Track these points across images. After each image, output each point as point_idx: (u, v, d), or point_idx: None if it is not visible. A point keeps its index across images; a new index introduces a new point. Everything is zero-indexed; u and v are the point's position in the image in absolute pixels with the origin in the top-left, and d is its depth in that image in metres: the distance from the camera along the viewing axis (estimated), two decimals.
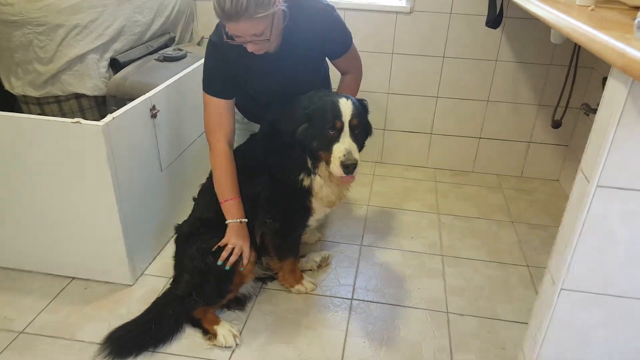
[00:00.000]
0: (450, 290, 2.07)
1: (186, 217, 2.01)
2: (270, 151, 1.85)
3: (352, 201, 2.70)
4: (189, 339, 1.79)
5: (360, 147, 1.71)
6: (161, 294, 1.93)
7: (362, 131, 1.73)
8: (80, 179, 1.81)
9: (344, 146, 1.63)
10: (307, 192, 1.83)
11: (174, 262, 1.95)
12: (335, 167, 1.65)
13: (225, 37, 1.64)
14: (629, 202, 1.06)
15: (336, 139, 1.65)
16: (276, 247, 1.95)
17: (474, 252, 2.32)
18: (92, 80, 2.27)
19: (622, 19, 1.21)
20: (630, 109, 0.97)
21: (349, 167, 1.62)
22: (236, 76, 1.82)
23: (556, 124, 2.60)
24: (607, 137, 1.01)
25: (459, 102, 2.91)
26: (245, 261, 1.80)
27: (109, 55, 2.33)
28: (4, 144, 1.80)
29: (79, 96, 2.29)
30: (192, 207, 2.03)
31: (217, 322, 1.80)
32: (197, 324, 1.81)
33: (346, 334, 1.83)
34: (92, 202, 1.85)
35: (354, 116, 1.65)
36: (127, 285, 2.02)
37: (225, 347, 1.74)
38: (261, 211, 1.89)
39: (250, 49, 1.65)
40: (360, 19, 2.76)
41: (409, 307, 1.97)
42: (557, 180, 3.00)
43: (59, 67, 2.19)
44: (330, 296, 2.02)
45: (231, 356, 1.72)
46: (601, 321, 1.21)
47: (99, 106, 2.37)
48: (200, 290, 1.78)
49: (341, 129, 1.65)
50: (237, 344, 1.75)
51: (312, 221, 1.97)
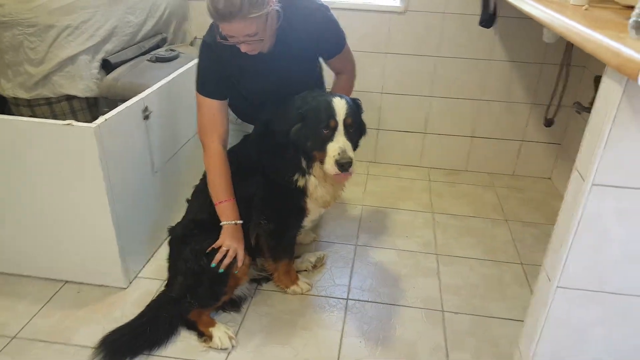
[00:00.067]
0: (445, 288, 2.07)
1: (180, 219, 1.99)
2: (264, 152, 1.84)
3: (346, 201, 2.70)
4: (184, 341, 1.78)
5: (354, 146, 1.71)
6: (155, 296, 1.92)
7: (356, 130, 1.73)
8: (72, 181, 1.79)
9: (338, 145, 1.63)
10: (302, 192, 1.82)
11: (168, 264, 1.94)
12: (329, 166, 1.64)
13: (218, 37, 1.63)
14: (624, 200, 1.07)
15: (330, 138, 1.64)
16: (271, 248, 1.94)
17: (469, 250, 2.33)
18: (83, 81, 2.25)
19: (615, 19, 1.22)
20: (625, 108, 0.97)
21: (344, 165, 1.61)
22: (230, 77, 1.82)
23: (548, 123, 2.62)
24: (602, 135, 1.02)
25: (453, 101, 2.92)
26: (239, 263, 1.79)
27: (100, 56, 2.32)
28: None
29: (70, 98, 2.27)
30: (185, 208, 2.02)
31: (212, 324, 1.79)
32: (192, 327, 1.80)
33: (342, 334, 1.83)
34: (84, 204, 1.83)
35: (348, 115, 1.65)
36: (120, 288, 2.00)
37: (221, 349, 1.73)
38: (255, 212, 1.88)
39: (243, 49, 1.64)
40: (354, 19, 2.76)
41: (404, 306, 1.97)
42: (550, 178, 3.01)
43: (50, 69, 2.17)
44: (325, 296, 2.02)
45: (227, 358, 1.72)
46: (597, 318, 1.22)
47: (90, 108, 2.35)
48: (194, 292, 1.77)
49: (335, 128, 1.64)
50: (233, 346, 1.75)
51: (307, 222, 1.97)
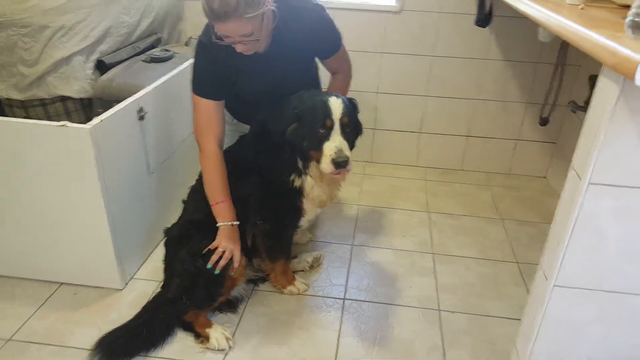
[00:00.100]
0: (441, 288, 2.08)
1: (176, 220, 1.99)
2: (260, 152, 1.83)
3: (342, 201, 2.70)
4: (181, 342, 1.77)
5: (351, 146, 1.71)
6: (152, 297, 1.91)
7: (352, 130, 1.72)
8: (67, 182, 1.78)
9: (334, 144, 1.63)
10: (298, 192, 1.82)
11: (164, 266, 1.93)
12: (325, 165, 1.63)
13: (214, 37, 1.62)
14: (621, 199, 1.07)
15: (327, 137, 1.64)
16: (267, 249, 1.94)
17: (465, 249, 2.33)
18: (78, 82, 2.24)
19: (611, 18, 1.22)
20: (621, 107, 0.98)
21: (340, 164, 1.61)
22: (226, 77, 1.81)
23: (544, 122, 2.63)
24: (598, 134, 1.02)
25: (448, 100, 2.92)
26: (235, 265, 1.79)
27: (95, 56, 2.30)
28: None
29: (64, 99, 2.25)
30: (181, 209, 2.01)
31: (209, 325, 1.79)
32: (188, 328, 1.80)
33: (339, 334, 1.83)
34: (79, 205, 1.82)
35: (344, 114, 1.65)
36: (116, 289, 1.99)
37: (218, 350, 1.73)
38: (252, 212, 1.87)
39: (239, 49, 1.64)
40: (349, 19, 2.76)
41: (401, 305, 1.98)
42: (545, 177, 3.02)
43: (44, 70, 2.16)
44: (322, 296, 2.02)
45: (224, 359, 1.71)
46: (594, 317, 1.22)
47: (84, 109, 2.33)
48: (191, 293, 1.77)
49: (331, 128, 1.64)
50: (230, 347, 1.74)
51: (304, 222, 1.96)
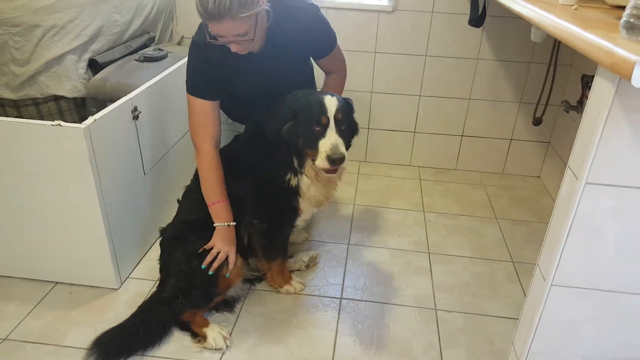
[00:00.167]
0: (437, 287, 2.09)
1: (171, 219, 1.98)
2: (255, 151, 1.83)
3: (338, 200, 2.70)
4: (178, 342, 1.77)
5: (347, 145, 1.71)
6: (148, 297, 1.91)
7: (348, 128, 1.73)
8: (62, 182, 1.77)
9: (330, 141, 1.63)
10: (295, 192, 1.82)
11: (159, 265, 1.92)
12: (321, 161, 1.64)
13: (208, 37, 1.62)
14: (618, 199, 1.08)
15: (322, 134, 1.64)
16: (264, 248, 1.94)
17: (460, 249, 2.35)
18: (70, 81, 2.23)
19: (605, 18, 1.23)
20: (617, 107, 0.99)
21: (336, 160, 1.61)
22: (220, 77, 1.80)
23: (537, 121, 2.65)
24: (595, 134, 1.03)
25: (442, 100, 2.93)
26: (230, 266, 1.79)
27: (87, 56, 2.29)
28: None
29: (57, 98, 2.24)
30: (176, 209, 2.00)
31: (206, 324, 1.79)
32: (185, 327, 1.79)
33: (336, 333, 1.83)
34: (75, 205, 1.81)
35: (339, 111, 1.65)
36: (112, 289, 1.99)
37: (215, 349, 1.73)
38: (248, 212, 1.87)
39: (233, 49, 1.63)
40: (342, 18, 2.76)
41: (397, 304, 1.98)
42: (538, 176, 3.04)
43: (36, 69, 2.14)
44: (319, 296, 2.02)
45: (221, 358, 1.71)
46: (591, 316, 1.23)
47: (78, 108, 2.32)
48: (187, 293, 1.77)
49: (327, 125, 1.64)
50: (227, 346, 1.74)
51: (300, 221, 1.96)
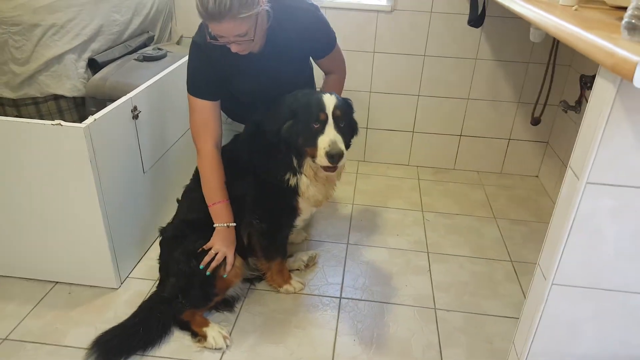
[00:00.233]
0: (436, 286, 2.09)
1: (170, 219, 1.98)
2: (254, 151, 1.83)
3: (337, 200, 2.70)
4: (178, 341, 1.77)
5: (346, 144, 1.71)
6: (148, 296, 1.91)
7: (347, 127, 1.73)
8: (62, 181, 1.77)
9: (329, 138, 1.63)
10: (294, 191, 1.82)
11: (159, 265, 1.92)
12: (320, 158, 1.64)
13: (208, 37, 1.62)
14: (618, 199, 1.09)
15: (321, 131, 1.65)
16: (263, 248, 1.94)
17: (459, 248, 2.35)
18: (70, 81, 2.22)
19: (605, 19, 1.24)
20: (618, 107, 0.99)
21: (335, 157, 1.62)
22: (220, 77, 1.80)
23: (535, 121, 2.65)
24: (596, 134, 1.03)
25: (440, 100, 2.94)
26: (228, 267, 1.79)
27: (87, 55, 2.29)
28: None
29: (57, 97, 2.24)
30: (176, 208, 2.00)
31: (206, 324, 1.79)
32: (185, 327, 1.79)
33: (336, 333, 1.84)
34: (75, 204, 1.81)
35: (337, 107, 1.66)
36: (112, 288, 1.98)
37: (215, 348, 1.73)
38: (247, 212, 1.87)
39: (234, 49, 1.63)
40: (341, 18, 2.77)
41: (397, 304, 1.99)
42: (537, 176, 3.06)
43: (36, 68, 2.14)
44: (318, 295, 2.02)
45: (221, 358, 1.71)
46: (592, 315, 1.24)
47: (77, 107, 2.32)
48: (186, 293, 1.77)
49: (325, 121, 1.65)
50: (227, 346, 1.74)
51: (299, 221, 1.97)
